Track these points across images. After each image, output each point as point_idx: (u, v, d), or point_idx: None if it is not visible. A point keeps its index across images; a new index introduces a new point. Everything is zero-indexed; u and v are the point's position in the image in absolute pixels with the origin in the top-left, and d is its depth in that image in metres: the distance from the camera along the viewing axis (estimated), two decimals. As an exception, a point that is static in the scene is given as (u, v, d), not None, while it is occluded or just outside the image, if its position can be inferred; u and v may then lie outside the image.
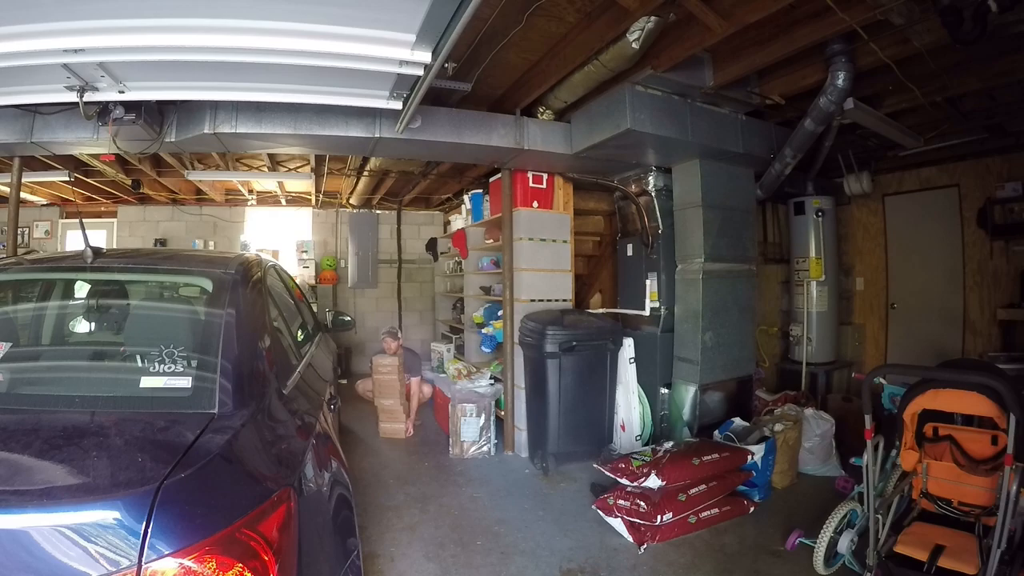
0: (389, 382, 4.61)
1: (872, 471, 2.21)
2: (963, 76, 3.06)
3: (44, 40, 1.87)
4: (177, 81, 2.38)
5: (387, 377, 4.60)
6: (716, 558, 2.63)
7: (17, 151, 3.37)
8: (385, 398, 4.62)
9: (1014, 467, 1.90)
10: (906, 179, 4.96)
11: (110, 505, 0.94)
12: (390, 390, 4.61)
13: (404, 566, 2.54)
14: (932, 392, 2.21)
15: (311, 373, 2.16)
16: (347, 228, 7.41)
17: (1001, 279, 4.35)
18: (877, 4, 2.22)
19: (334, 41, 1.91)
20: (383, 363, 4.61)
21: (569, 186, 4.44)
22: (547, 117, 3.63)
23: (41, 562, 0.89)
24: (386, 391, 4.62)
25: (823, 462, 3.61)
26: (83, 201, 6.54)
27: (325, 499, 1.46)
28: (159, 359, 1.39)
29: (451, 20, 1.79)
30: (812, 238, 4.84)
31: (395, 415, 4.64)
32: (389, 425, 4.65)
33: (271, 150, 3.87)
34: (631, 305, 4.34)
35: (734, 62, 2.97)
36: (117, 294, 1.97)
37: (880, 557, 2.16)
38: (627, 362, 3.98)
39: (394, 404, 4.62)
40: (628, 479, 2.88)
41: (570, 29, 2.65)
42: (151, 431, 1.20)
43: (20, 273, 1.96)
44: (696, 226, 3.83)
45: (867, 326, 5.26)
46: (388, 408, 4.64)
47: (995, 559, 1.88)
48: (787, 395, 4.39)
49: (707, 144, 3.50)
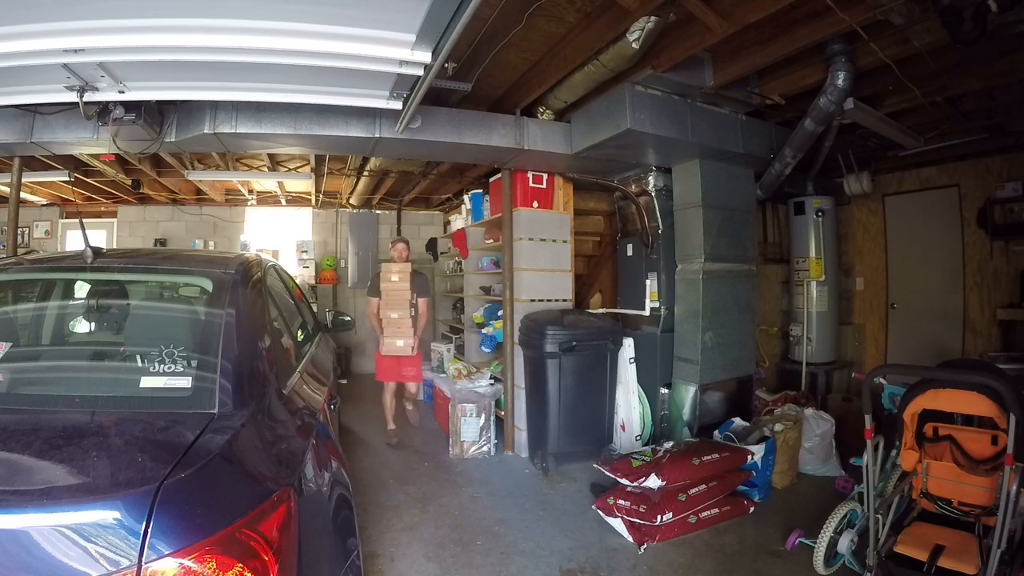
0: (399, 291, 4.25)
1: (872, 471, 2.21)
2: (963, 76, 3.06)
3: (44, 40, 1.87)
4: (177, 81, 2.38)
5: (397, 286, 4.26)
6: (716, 558, 2.63)
7: (17, 151, 3.37)
8: (393, 310, 4.26)
9: (1014, 467, 1.90)
10: (906, 179, 4.96)
11: (110, 505, 0.94)
12: (399, 301, 4.26)
13: (404, 566, 2.54)
14: (932, 392, 2.21)
15: (311, 373, 2.16)
16: (347, 228, 7.41)
17: (1001, 279, 4.35)
18: (877, 4, 2.22)
19: (334, 41, 1.91)
20: (393, 270, 4.28)
21: (569, 186, 4.44)
22: (547, 117, 3.63)
23: (41, 562, 0.89)
24: (394, 302, 4.26)
25: (823, 462, 3.61)
26: (83, 201, 6.55)
27: (325, 499, 1.46)
28: (159, 359, 1.39)
29: (451, 20, 1.79)
30: (812, 238, 4.84)
31: (401, 329, 4.27)
32: (392, 340, 4.28)
33: (271, 150, 3.88)
34: (631, 305, 4.34)
35: (734, 62, 2.97)
36: (117, 294, 1.97)
37: (880, 557, 2.16)
38: (627, 362, 3.98)
39: (402, 317, 4.26)
40: (628, 479, 2.88)
41: (570, 29, 2.65)
42: (151, 431, 1.20)
43: (20, 273, 1.96)
44: (696, 226, 3.83)
45: (867, 326, 5.26)
46: (395, 322, 4.26)
47: (995, 559, 1.88)
48: (787, 395, 4.39)
49: (707, 144, 3.50)
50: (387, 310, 4.29)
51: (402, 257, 4.40)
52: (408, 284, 4.29)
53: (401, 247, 4.45)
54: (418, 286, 4.38)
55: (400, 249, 4.43)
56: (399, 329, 4.29)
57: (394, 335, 4.29)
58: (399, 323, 4.29)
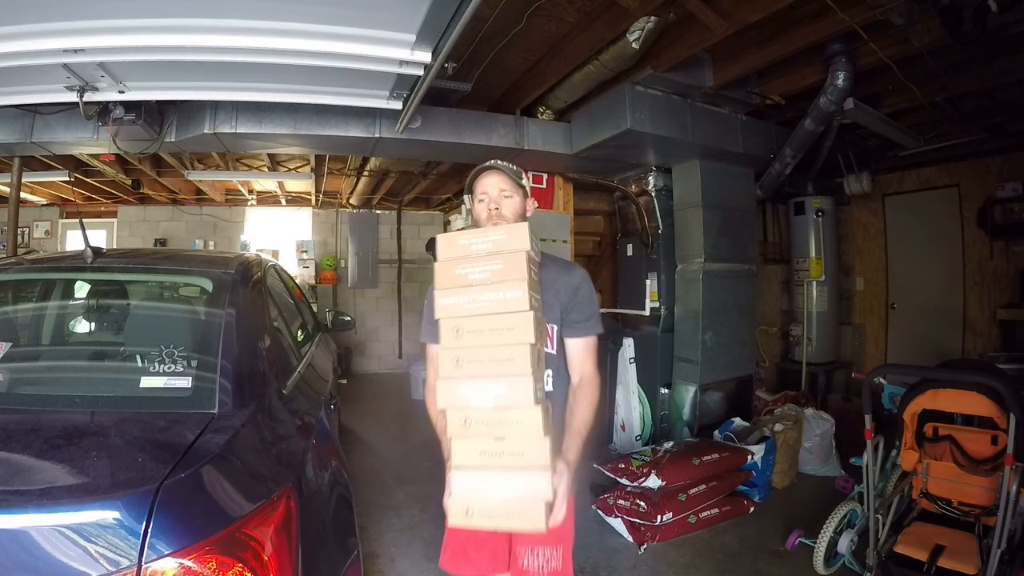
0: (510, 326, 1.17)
1: (872, 471, 2.21)
2: (963, 76, 3.06)
3: (44, 40, 1.87)
4: (177, 81, 2.39)
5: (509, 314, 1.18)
6: (716, 558, 2.63)
7: (17, 151, 3.37)
8: (492, 363, 1.16)
9: (1014, 467, 1.90)
10: (906, 179, 4.95)
11: (110, 505, 0.94)
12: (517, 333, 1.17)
13: (404, 566, 2.53)
14: (932, 392, 2.21)
15: (311, 373, 2.16)
16: (347, 228, 7.41)
17: (1001, 279, 4.35)
18: (877, 4, 2.21)
19: (334, 41, 1.91)
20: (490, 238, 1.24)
21: (569, 186, 4.44)
22: (547, 117, 3.63)
23: (41, 562, 0.89)
24: (493, 339, 1.18)
25: (823, 462, 3.61)
26: (83, 201, 6.54)
27: (325, 499, 1.46)
28: (159, 359, 1.39)
29: (451, 20, 1.79)
30: (812, 238, 4.84)
31: (521, 438, 1.14)
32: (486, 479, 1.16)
33: (271, 150, 3.87)
34: (631, 305, 4.34)
35: (734, 62, 2.97)
36: (117, 294, 1.97)
37: (880, 557, 2.16)
38: (627, 362, 3.97)
39: (518, 387, 1.12)
40: (628, 479, 2.88)
41: (570, 29, 2.65)
42: (151, 431, 1.20)
43: (20, 273, 1.96)
44: (696, 226, 3.83)
45: (867, 326, 5.26)
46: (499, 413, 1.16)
47: (995, 559, 1.88)
48: (787, 395, 4.39)
49: (707, 144, 3.50)
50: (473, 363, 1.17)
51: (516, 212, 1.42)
52: (528, 282, 1.18)
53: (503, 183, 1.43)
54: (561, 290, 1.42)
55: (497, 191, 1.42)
56: (517, 441, 1.14)
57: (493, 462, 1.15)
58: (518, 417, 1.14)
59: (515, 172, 1.42)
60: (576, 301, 1.40)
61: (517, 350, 1.11)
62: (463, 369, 1.14)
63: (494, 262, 1.16)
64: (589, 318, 1.40)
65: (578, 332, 1.40)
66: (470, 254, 1.19)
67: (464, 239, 1.21)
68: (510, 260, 1.15)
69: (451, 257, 1.21)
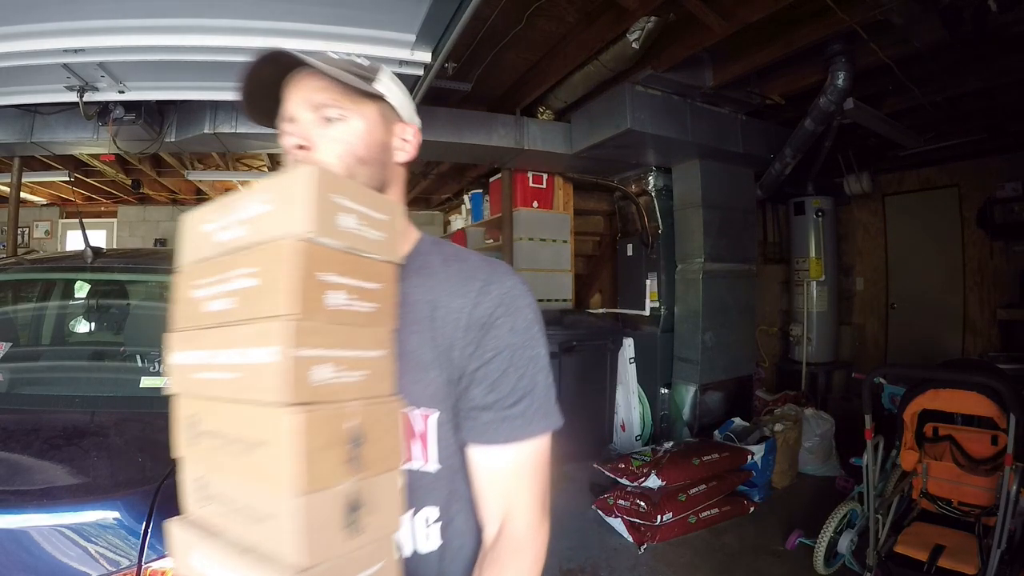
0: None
1: (872, 471, 2.21)
2: (963, 76, 3.06)
3: (44, 40, 1.87)
4: (177, 81, 2.39)
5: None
6: (716, 558, 2.63)
7: (17, 151, 3.37)
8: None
9: (1014, 467, 1.90)
10: (906, 179, 4.95)
11: (110, 505, 0.94)
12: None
13: None
14: (932, 392, 2.21)
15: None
16: (347, 228, 7.40)
17: (1001, 279, 4.35)
18: (877, 4, 2.22)
19: (334, 41, 1.91)
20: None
21: (569, 186, 4.44)
22: (547, 117, 3.63)
23: (41, 562, 0.89)
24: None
25: (823, 462, 3.61)
26: (83, 201, 6.54)
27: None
28: (159, 359, 1.39)
29: (451, 20, 1.80)
30: (812, 238, 4.83)
31: None
32: None
33: (271, 150, 3.87)
34: (631, 305, 4.34)
35: (734, 62, 2.97)
36: (117, 294, 1.97)
37: (880, 557, 2.16)
38: (627, 362, 3.97)
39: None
40: (628, 479, 2.88)
41: (570, 29, 2.65)
42: (151, 431, 1.20)
43: (20, 273, 1.96)
44: (696, 226, 3.83)
45: (867, 326, 5.26)
46: None
47: (995, 559, 1.88)
48: (787, 395, 4.38)
49: (707, 144, 3.50)
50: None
51: (360, 147, 0.68)
52: (300, 323, 0.54)
53: None
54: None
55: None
56: None
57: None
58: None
59: (354, 66, 0.68)
60: (490, 350, 0.65)
61: (278, 505, 0.49)
62: (208, 521, 0.59)
63: (245, 269, 0.54)
64: (525, 395, 0.68)
65: (502, 432, 0.66)
66: (216, 252, 0.59)
67: (209, 219, 0.60)
68: (269, 266, 0.51)
69: (194, 260, 0.63)
